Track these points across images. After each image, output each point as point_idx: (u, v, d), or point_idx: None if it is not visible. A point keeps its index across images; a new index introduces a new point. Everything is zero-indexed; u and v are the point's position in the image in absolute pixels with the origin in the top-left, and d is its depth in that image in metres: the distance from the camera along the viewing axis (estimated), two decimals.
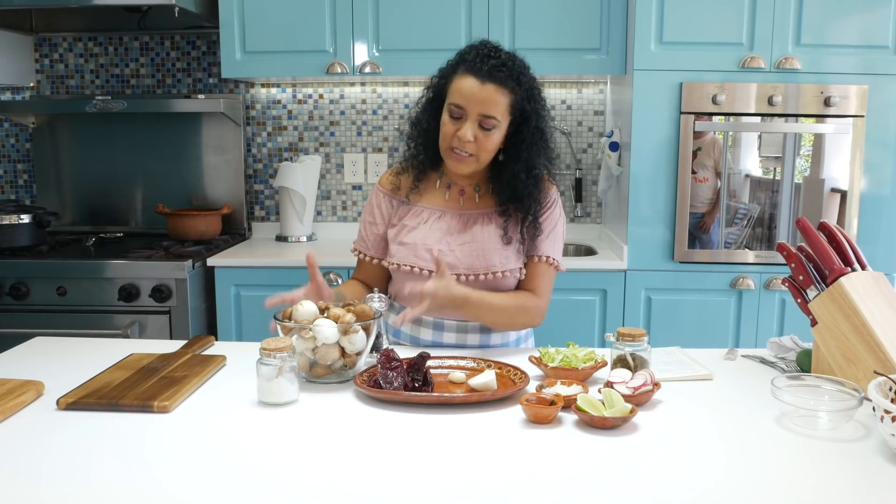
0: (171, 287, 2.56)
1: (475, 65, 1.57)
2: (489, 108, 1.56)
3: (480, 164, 1.63)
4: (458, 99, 1.57)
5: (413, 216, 1.72)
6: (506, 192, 1.66)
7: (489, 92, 1.55)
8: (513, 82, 1.57)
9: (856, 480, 1.04)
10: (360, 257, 1.79)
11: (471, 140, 1.58)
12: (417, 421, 1.25)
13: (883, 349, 1.29)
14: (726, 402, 1.35)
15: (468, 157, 1.60)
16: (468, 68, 1.58)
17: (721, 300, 2.62)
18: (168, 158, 3.19)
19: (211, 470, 1.07)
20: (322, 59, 2.80)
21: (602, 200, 3.17)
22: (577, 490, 1.01)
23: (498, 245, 1.67)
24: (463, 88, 1.57)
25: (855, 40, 2.50)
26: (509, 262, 1.67)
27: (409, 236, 1.69)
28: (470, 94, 1.56)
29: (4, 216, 2.72)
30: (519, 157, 1.63)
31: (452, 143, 1.60)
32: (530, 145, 1.62)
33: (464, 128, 1.57)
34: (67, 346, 1.70)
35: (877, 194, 2.57)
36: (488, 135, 1.58)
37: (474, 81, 1.56)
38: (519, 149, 1.62)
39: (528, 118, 1.61)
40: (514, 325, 1.72)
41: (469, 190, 1.72)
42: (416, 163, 1.72)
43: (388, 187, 1.76)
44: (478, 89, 1.55)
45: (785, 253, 1.47)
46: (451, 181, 1.73)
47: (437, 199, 1.73)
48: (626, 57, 2.69)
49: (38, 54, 3.24)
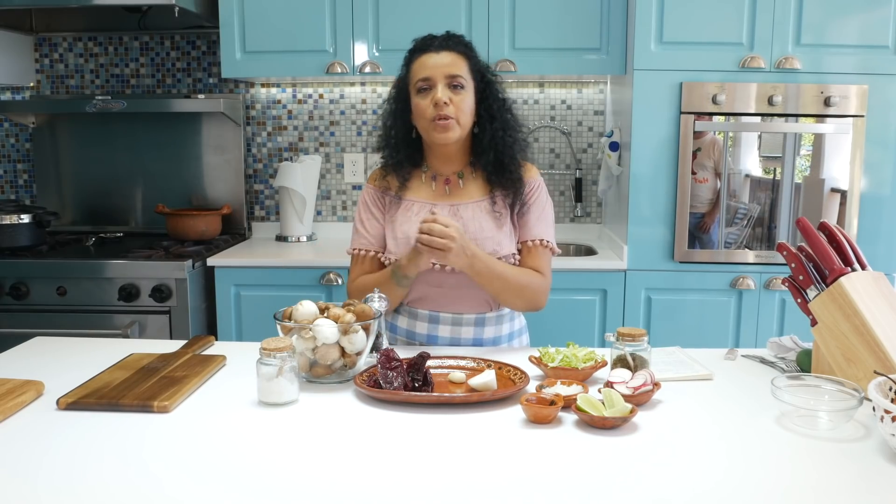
0: (171, 287, 2.56)
1: (425, 43, 1.69)
2: (452, 68, 1.65)
3: (463, 128, 1.67)
4: (423, 72, 1.65)
5: (403, 210, 1.74)
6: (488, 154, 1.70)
7: (446, 57, 1.66)
8: (464, 47, 1.69)
9: (856, 480, 1.04)
10: (363, 254, 1.77)
11: (447, 101, 1.63)
12: (417, 421, 1.25)
13: (883, 349, 1.29)
14: (726, 401, 1.35)
15: (450, 121, 1.64)
16: (420, 49, 1.68)
17: (721, 300, 2.62)
18: (168, 158, 3.19)
19: (211, 470, 1.07)
20: (322, 59, 2.80)
21: (602, 200, 3.17)
22: (577, 490, 1.01)
23: (491, 232, 1.70)
24: (424, 63, 1.66)
25: (855, 40, 2.50)
26: (503, 248, 1.70)
27: (401, 230, 1.72)
28: (432, 63, 1.65)
29: (4, 216, 2.72)
30: (493, 118, 1.70)
31: (430, 113, 1.64)
32: (500, 107, 1.71)
33: (436, 92, 1.63)
34: (67, 346, 1.70)
35: (877, 194, 2.57)
36: (460, 94, 1.65)
37: (431, 54, 1.67)
38: (490, 110, 1.70)
39: (489, 84, 1.70)
40: (519, 299, 1.70)
41: (454, 178, 1.75)
42: (396, 164, 1.75)
43: (378, 184, 1.78)
44: (437, 56, 1.66)
45: (785, 253, 1.47)
46: (436, 172, 1.76)
47: (425, 192, 1.76)
48: (626, 57, 2.69)
49: (38, 54, 3.24)
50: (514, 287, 1.67)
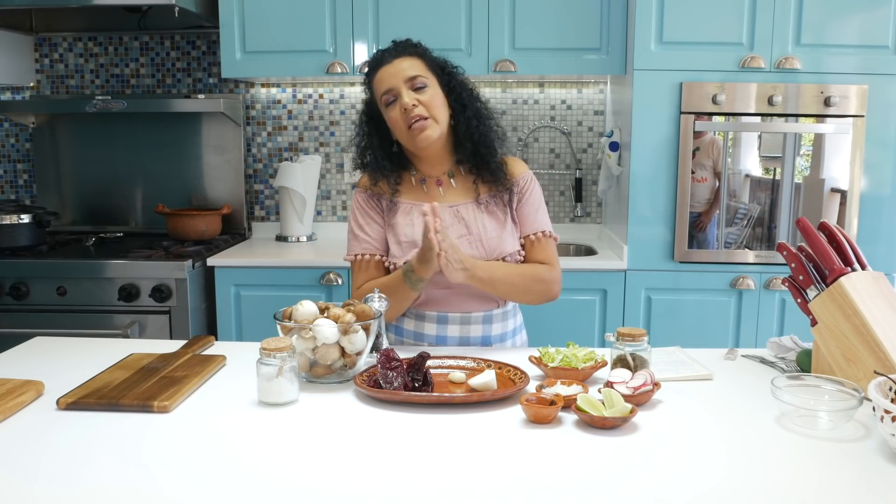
0: (171, 287, 2.56)
1: (376, 60, 1.70)
2: (409, 71, 1.66)
3: (441, 124, 1.67)
4: (384, 85, 1.67)
5: (403, 214, 1.72)
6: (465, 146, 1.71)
7: (401, 62, 1.67)
8: (412, 48, 1.70)
9: (856, 480, 1.04)
10: (367, 259, 1.73)
11: (414, 103, 1.63)
12: (417, 421, 1.25)
13: (883, 349, 1.29)
14: (726, 401, 1.35)
15: (425, 120, 1.64)
16: (375, 66, 1.70)
17: (721, 300, 2.62)
18: (168, 158, 3.19)
19: (211, 470, 1.07)
20: (322, 59, 2.80)
21: (602, 200, 3.17)
22: (577, 490, 1.01)
23: (495, 231, 1.70)
24: (382, 77, 1.67)
25: (855, 40, 2.50)
26: (508, 246, 1.70)
27: (404, 234, 1.70)
28: (388, 75, 1.66)
29: (4, 216, 2.72)
30: (465, 107, 1.70)
31: (405, 121, 1.64)
32: (469, 96, 1.71)
33: (402, 99, 1.64)
34: (67, 346, 1.70)
35: (877, 194, 2.57)
36: (425, 92, 1.65)
37: (384, 67, 1.68)
38: (462, 101, 1.70)
39: (452, 76, 1.71)
40: (530, 295, 1.71)
41: (444, 178, 1.76)
42: (384, 172, 1.73)
43: (370, 190, 1.76)
44: (391, 67, 1.67)
45: (785, 253, 1.47)
46: (425, 174, 1.76)
47: (418, 194, 1.75)
48: (626, 57, 2.69)
49: (38, 54, 3.24)
50: (522, 286, 1.68)
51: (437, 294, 1.71)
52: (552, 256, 1.75)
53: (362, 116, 1.77)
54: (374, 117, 1.74)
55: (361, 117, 1.77)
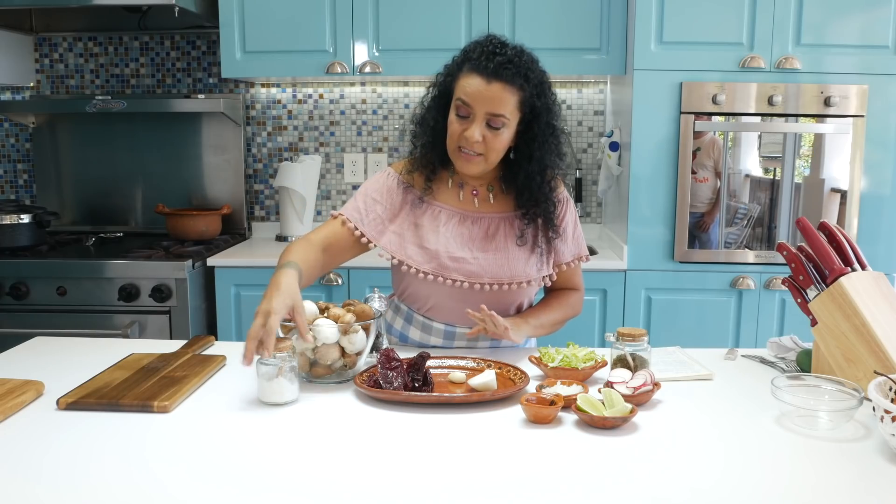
0: (171, 287, 2.56)
1: (480, 63, 1.49)
2: (497, 106, 1.49)
3: (489, 164, 1.57)
4: (465, 98, 1.51)
5: (430, 217, 1.64)
6: (522, 195, 1.62)
7: (496, 90, 1.49)
8: (521, 79, 1.50)
9: (856, 480, 1.04)
10: (347, 227, 1.62)
11: (479, 140, 1.51)
12: (417, 421, 1.25)
13: (883, 349, 1.29)
14: (726, 402, 1.35)
15: (477, 156, 1.54)
16: (473, 67, 1.51)
17: (721, 300, 2.62)
18: (168, 158, 3.19)
19: (211, 470, 1.07)
20: (322, 59, 2.80)
21: (602, 200, 3.17)
22: (577, 490, 1.01)
23: (523, 254, 1.64)
24: (469, 87, 1.50)
25: (855, 40, 2.50)
26: (533, 272, 1.64)
27: (430, 240, 1.62)
28: (476, 93, 1.49)
29: (4, 216, 2.72)
30: (531, 157, 1.57)
31: (460, 142, 1.54)
32: (542, 143, 1.56)
33: (471, 128, 1.51)
34: (67, 346, 1.70)
35: (877, 194, 2.57)
36: (497, 134, 1.52)
37: (480, 80, 1.49)
38: (531, 147, 1.56)
39: (538, 115, 1.54)
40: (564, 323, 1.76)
41: (482, 191, 1.66)
42: (426, 161, 1.64)
43: (404, 177, 1.66)
44: (484, 88, 1.49)
45: (785, 253, 1.47)
46: (464, 181, 1.66)
47: (451, 199, 1.66)
48: (626, 57, 2.69)
49: (38, 54, 3.24)
50: (561, 323, 1.74)
51: (448, 304, 1.65)
52: (579, 281, 1.78)
53: (430, 111, 1.61)
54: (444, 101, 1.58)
55: (428, 111, 1.61)
